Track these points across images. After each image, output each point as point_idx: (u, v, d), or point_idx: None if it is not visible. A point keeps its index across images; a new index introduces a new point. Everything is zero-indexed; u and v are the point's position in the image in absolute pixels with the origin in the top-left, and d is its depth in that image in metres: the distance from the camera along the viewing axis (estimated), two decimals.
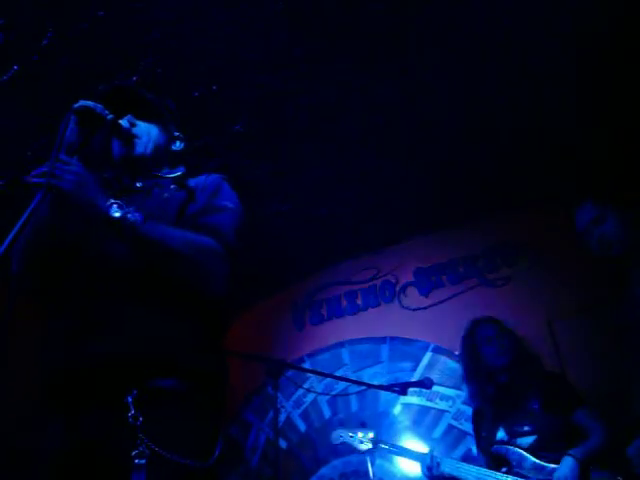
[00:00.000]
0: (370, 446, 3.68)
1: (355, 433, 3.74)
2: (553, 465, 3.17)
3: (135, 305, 1.78)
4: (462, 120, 4.15)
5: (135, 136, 2.11)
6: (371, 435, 3.70)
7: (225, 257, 1.89)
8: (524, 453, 3.27)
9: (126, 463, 1.60)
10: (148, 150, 2.14)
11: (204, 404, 1.81)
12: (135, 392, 1.68)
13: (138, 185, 2.09)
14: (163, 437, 1.65)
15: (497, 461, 3.37)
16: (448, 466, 3.40)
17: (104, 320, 1.75)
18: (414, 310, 5.26)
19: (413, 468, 4.45)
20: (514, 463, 3.27)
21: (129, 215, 1.72)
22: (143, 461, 1.60)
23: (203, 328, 1.87)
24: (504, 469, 3.30)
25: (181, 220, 1.94)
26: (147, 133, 2.15)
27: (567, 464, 3.12)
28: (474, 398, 3.73)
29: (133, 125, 2.12)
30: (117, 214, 1.71)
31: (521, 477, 3.21)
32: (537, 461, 3.22)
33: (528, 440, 3.32)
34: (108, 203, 1.72)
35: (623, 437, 2.84)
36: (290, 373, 4.28)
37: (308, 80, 3.73)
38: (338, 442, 3.76)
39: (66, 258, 1.89)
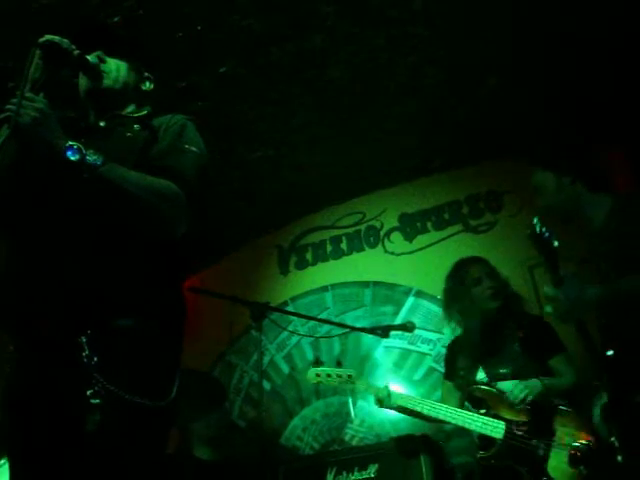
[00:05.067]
0: (347, 386, 3.68)
1: (331, 373, 3.69)
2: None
3: (90, 245, 1.78)
4: (447, 68, 4.12)
5: (103, 72, 2.07)
6: (347, 374, 3.67)
7: (185, 202, 1.88)
8: (503, 396, 3.33)
9: (81, 403, 1.62)
10: (117, 85, 2.11)
11: (159, 344, 1.82)
12: (89, 332, 1.69)
13: (101, 124, 2.07)
14: (118, 377, 1.67)
15: (475, 402, 3.43)
16: (399, 398, 3.47)
17: (58, 260, 1.76)
18: (398, 255, 5.29)
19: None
20: (492, 405, 3.34)
21: (87, 157, 1.71)
22: (97, 401, 1.62)
23: (159, 268, 1.88)
24: (483, 410, 3.35)
25: (143, 161, 1.93)
26: (116, 69, 2.12)
27: (531, 381, 3.25)
28: (454, 330, 3.77)
29: (102, 61, 2.08)
30: (75, 157, 1.70)
31: (499, 419, 3.26)
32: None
33: (508, 385, 3.37)
34: (67, 144, 1.71)
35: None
36: (274, 316, 4.30)
37: (295, 24, 3.66)
38: (314, 381, 3.75)
39: (25, 196, 1.89)
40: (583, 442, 3.07)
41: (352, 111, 4.47)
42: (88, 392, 1.62)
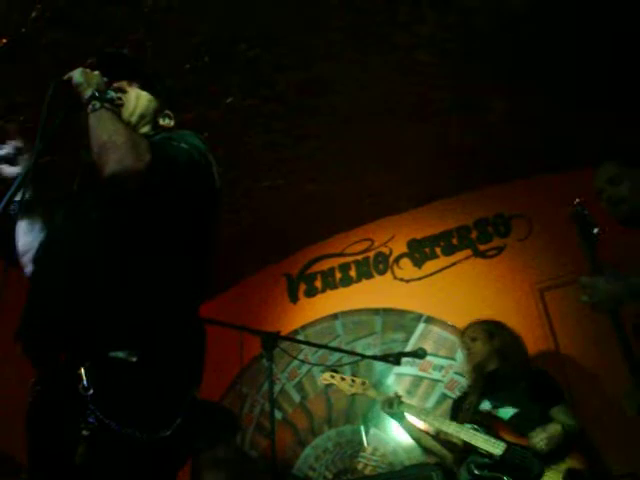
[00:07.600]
0: (359, 391, 3.82)
1: (345, 377, 3.80)
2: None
3: (93, 275, 1.78)
4: (456, 96, 4.15)
5: (121, 104, 2.07)
6: (361, 381, 3.77)
7: (150, 162, 1.73)
8: (503, 420, 3.50)
9: (75, 434, 1.62)
10: (133, 117, 2.11)
11: (159, 376, 1.76)
12: (87, 363, 1.69)
13: None
14: (113, 409, 1.65)
15: (478, 425, 3.56)
16: (407, 407, 3.76)
17: (60, 291, 1.78)
18: (407, 281, 5.27)
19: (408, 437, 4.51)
20: (494, 429, 3.48)
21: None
22: (88, 432, 1.61)
23: (164, 299, 1.83)
24: (484, 429, 3.51)
25: None
26: (135, 98, 2.13)
27: (554, 425, 3.36)
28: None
29: (123, 91, 2.10)
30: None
31: (498, 439, 3.41)
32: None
33: (509, 412, 3.53)
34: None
35: None
36: (284, 344, 4.28)
37: (301, 54, 3.70)
38: (326, 383, 3.83)
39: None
40: (577, 468, 3.23)
41: (359, 138, 4.50)
42: (82, 424, 1.62)
